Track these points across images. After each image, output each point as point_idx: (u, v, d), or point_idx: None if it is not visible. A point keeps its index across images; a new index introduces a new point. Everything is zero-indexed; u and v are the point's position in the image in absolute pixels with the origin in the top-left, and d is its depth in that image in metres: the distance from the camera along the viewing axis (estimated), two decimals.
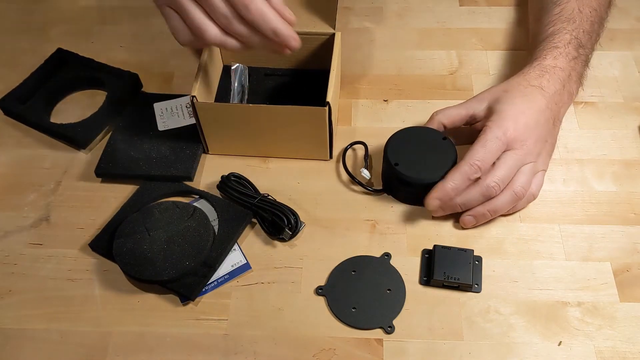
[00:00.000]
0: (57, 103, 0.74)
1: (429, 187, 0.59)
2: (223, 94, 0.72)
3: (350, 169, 0.66)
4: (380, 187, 0.64)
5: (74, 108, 0.73)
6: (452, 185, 0.58)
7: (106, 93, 0.73)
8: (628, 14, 0.82)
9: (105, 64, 0.75)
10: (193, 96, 0.61)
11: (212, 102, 0.63)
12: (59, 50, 0.76)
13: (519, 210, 0.62)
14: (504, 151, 0.59)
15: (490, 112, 0.61)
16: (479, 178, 0.58)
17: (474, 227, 0.61)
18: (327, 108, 0.60)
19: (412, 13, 0.83)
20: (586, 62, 0.68)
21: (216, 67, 0.72)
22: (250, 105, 0.64)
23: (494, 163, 0.58)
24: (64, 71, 0.75)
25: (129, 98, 0.72)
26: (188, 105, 0.70)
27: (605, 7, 0.71)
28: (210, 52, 0.68)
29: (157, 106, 0.71)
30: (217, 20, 0.54)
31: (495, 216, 0.61)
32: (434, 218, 0.62)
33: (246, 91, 0.71)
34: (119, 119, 0.70)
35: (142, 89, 0.74)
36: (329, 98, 0.60)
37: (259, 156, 0.68)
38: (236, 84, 0.71)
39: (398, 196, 0.64)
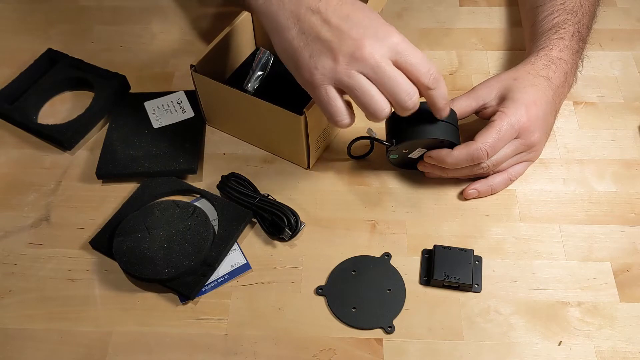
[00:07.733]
0: (45, 104, 0.74)
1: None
2: (244, 72, 0.71)
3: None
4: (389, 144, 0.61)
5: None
6: (453, 161, 0.59)
7: (93, 94, 0.72)
8: (628, 14, 0.82)
9: (94, 65, 0.74)
10: (193, 65, 0.63)
11: (207, 78, 0.63)
12: (49, 50, 0.76)
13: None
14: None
15: (502, 99, 0.62)
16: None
17: (475, 198, 0.64)
18: (303, 117, 0.59)
19: (412, 13, 0.83)
20: (582, 57, 0.68)
21: (246, 46, 0.74)
22: (238, 91, 0.63)
23: None
24: (53, 72, 0.74)
25: (116, 99, 0.72)
26: (179, 101, 0.71)
27: (598, 4, 0.72)
28: (237, 32, 0.69)
29: (149, 105, 0.71)
30: (395, 98, 0.52)
31: (493, 193, 0.64)
32: (435, 217, 0.63)
33: (263, 77, 0.71)
34: (109, 120, 0.70)
35: (140, 89, 0.74)
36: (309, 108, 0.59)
37: (251, 143, 0.69)
38: (257, 69, 0.71)
39: (405, 138, 0.60)
